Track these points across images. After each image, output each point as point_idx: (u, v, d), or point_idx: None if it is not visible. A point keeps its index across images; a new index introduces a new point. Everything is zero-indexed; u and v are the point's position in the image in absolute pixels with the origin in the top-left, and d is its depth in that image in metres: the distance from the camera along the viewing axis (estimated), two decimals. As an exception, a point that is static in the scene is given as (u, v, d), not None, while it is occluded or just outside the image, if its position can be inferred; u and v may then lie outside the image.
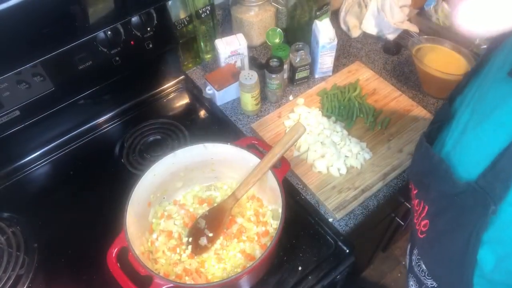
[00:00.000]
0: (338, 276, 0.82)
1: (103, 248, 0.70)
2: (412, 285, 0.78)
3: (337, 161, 0.92)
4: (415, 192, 0.65)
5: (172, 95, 1.15)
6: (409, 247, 0.82)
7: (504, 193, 0.51)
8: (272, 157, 0.76)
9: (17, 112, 0.90)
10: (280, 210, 0.72)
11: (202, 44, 1.17)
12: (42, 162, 1.01)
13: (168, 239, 0.81)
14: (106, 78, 1.01)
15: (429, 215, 0.59)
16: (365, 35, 1.28)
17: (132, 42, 0.98)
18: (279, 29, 1.17)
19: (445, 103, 0.67)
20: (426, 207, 0.60)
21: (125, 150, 1.01)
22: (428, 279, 0.70)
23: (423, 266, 0.70)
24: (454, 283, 0.58)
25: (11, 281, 0.79)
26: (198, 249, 0.79)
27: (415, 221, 0.65)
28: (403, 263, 0.81)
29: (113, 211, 0.76)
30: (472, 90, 0.61)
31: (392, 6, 1.18)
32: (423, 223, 0.61)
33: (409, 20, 1.24)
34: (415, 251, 0.75)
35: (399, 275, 1.79)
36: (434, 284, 0.68)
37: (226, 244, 0.80)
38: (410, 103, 1.05)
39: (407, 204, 1.18)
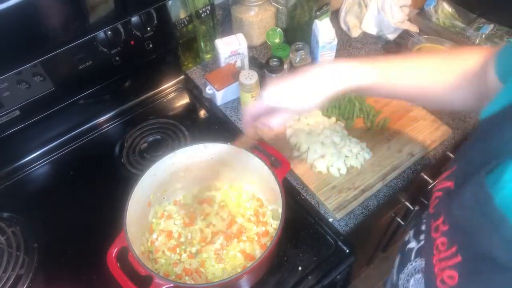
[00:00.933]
0: (338, 276, 0.82)
1: (103, 248, 0.70)
2: None
3: (337, 161, 0.92)
4: (443, 228, 0.50)
5: (172, 95, 1.15)
6: (398, 261, 0.68)
7: None
8: None
9: (17, 112, 0.90)
10: (280, 210, 0.72)
11: (202, 44, 1.17)
12: (42, 162, 1.01)
13: (168, 239, 0.82)
14: (106, 78, 1.01)
15: (461, 270, 0.45)
16: (365, 35, 1.28)
17: (132, 42, 0.98)
18: (279, 29, 1.17)
19: (508, 130, 0.45)
20: (459, 258, 0.46)
21: (125, 150, 1.01)
22: None
23: None
24: None
25: (11, 281, 0.79)
26: None
27: (433, 261, 0.51)
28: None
29: (113, 211, 0.75)
30: None
31: (392, 6, 1.18)
32: (448, 273, 0.47)
33: (409, 20, 1.24)
34: (406, 270, 0.63)
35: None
36: None
37: (226, 244, 0.80)
38: (410, 103, 1.05)
39: (407, 204, 1.18)
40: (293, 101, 0.64)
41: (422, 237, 0.61)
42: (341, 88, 0.63)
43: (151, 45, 1.02)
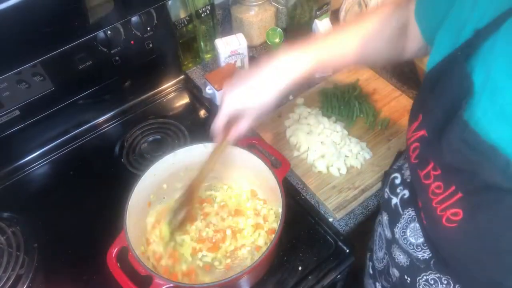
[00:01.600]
0: (338, 276, 0.82)
1: (103, 248, 0.70)
2: (399, 255, 0.68)
3: (337, 161, 0.92)
4: (435, 173, 0.52)
5: (172, 95, 1.15)
6: (387, 219, 0.69)
7: None
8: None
9: (17, 112, 0.90)
10: (280, 210, 0.72)
11: (202, 44, 1.17)
12: (42, 162, 1.01)
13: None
14: (106, 78, 1.01)
15: (464, 205, 0.48)
16: (365, 35, 1.27)
17: (132, 42, 0.98)
18: (279, 28, 1.17)
19: (459, 72, 0.48)
20: (460, 195, 0.48)
21: (125, 150, 1.01)
22: (418, 251, 0.61)
23: (411, 240, 0.62)
24: (495, 278, 0.51)
25: (11, 281, 0.79)
26: (176, 227, 0.78)
27: (433, 204, 0.53)
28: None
29: (113, 211, 0.75)
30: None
31: (392, 6, 1.18)
32: (451, 211, 0.50)
33: (409, 20, 1.24)
34: (399, 224, 0.64)
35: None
36: (426, 255, 0.60)
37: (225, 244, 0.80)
38: (410, 103, 1.05)
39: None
40: (252, 101, 0.68)
41: (403, 191, 0.64)
42: (290, 80, 0.68)
43: (151, 45, 1.02)
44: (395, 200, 0.65)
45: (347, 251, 0.82)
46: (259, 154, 0.80)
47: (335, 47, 0.71)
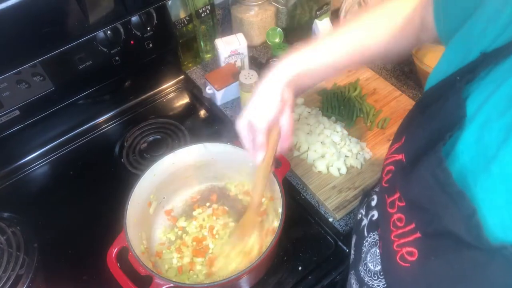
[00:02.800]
0: (338, 276, 0.82)
1: (103, 248, 0.70)
2: (353, 283, 0.65)
3: (337, 161, 0.92)
4: (400, 204, 0.48)
5: (172, 95, 1.15)
6: (354, 242, 0.66)
7: None
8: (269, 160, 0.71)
9: (17, 112, 0.90)
10: (280, 210, 0.72)
11: (202, 43, 1.17)
12: (42, 162, 1.01)
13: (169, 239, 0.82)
14: (106, 78, 1.01)
15: (421, 246, 0.44)
16: (365, 34, 1.27)
17: (132, 42, 0.98)
18: (279, 28, 1.17)
19: (454, 99, 0.43)
20: (418, 235, 0.44)
21: (125, 150, 1.01)
22: (374, 280, 0.58)
23: (369, 266, 0.59)
24: None
25: (11, 281, 0.79)
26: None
27: (392, 237, 0.49)
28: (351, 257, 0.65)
29: (113, 211, 0.76)
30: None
31: (392, 5, 1.18)
32: (407, 249, 0.46)
33: (409, 19, 1.24)
34: (364, 249, 0.61)
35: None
36: (381, 285, 0.56)
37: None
38: (410, 103, 1.05)
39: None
40: (253, 113, 0.66)
41: (372, 212, 0.61)
42: (286, 81, 0.65)
43: (151, 45, 1.02)
44: (364, 222, 0.62)
45: (347, 251, 0.82)
46: (259, 154, 0.80)
47: (325, 51, 0.67)
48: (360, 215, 0.66)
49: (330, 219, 0.87)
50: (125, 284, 0.66)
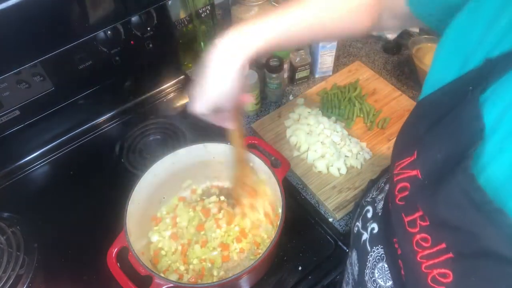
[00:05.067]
0: (338, 276, 0.82)
1: (103, 248, 0.70)
2: None
3: (337, 161, 0.92)
4: (422, 223, 0.46)
5: (172, 95, 1.15)
6: (355, 258, 0.64)
7: None
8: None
9: (17, 112, 0.90)
10: (280, 210, 0.72)
11: (202, 43, 1.17)
12: (42, 162, 1.02)
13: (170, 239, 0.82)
14: (106, 78, 1.01)
15: (456, 267, 0.42)
16: (365, 34, 1.27)
17: (132, 42, 0.98)
18: (279, 29, 1.17)
19: (469, 111, 0.41)
20: (450, 255, 0.42)
21: (125, 150, 1.01)
22: None
23: (380, 282, 0.57)
24: None
25: (11, 281, 0.79)
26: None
27: (418, 259, 0.46)
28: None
29: (113, 211, 0.76)
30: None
31: (392, 6, 1.18)
32: (439, 271, 0.44)
33: (409, 20, 1.24)
34: (369, 264, 0.59)
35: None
36: None
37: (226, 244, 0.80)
38: (410, 103, 1.05)
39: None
40: (219, 98, 0.62)
41: (372, 225, 0.59)
42: (250, 54, 0.61)
43: (151, 45, 1.02)
44: (365, 236, 0.60)
45: (347, 251, 0.82)
46: (259, 154, 0.80)
47: (289, 20, 0.62)
48: (356, 228, 0.64)
49: (330, 219, 0.87)
50: (125, 284, 0.66)
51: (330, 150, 0.93)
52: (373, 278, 0.58)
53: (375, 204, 0.62)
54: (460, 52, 0.45)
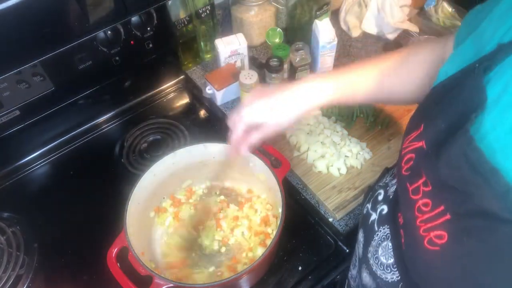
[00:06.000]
0: (338, 276, 0.82)
1: (103, 248, 0.70)
2: (366, 276, 0.65)
3: (337, 161, 0.92)
4: (425, 189, 0.49)
5: (172, 95, 1.15)
6: (362, 237, 0.66)
7: None
8: None
9: (17, 112, 0.91)
10: (280, 210, 0.72)
11: (202, 44, 1.17)
12: (42, 162, 1.02)
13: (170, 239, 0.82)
14: (106, 78, 1.01)
15: (451, 228, 0.45)
16: (365, 34, 1.27)
17: (132, 42, 0.98)
18: (279, 28, 1.17)
19: (473, 84, 0.44)
20: (448, 217, 0.44)
21: (125, 150, 1.01)
22: (387, 272, 0.58)
23: (381, 259, 0.59)
24: None
25: (11, 281, 0.79)
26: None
27: (417, 223, 0.49)
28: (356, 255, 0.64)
29: (113, 211, 0.76)
30: None
31: (392, 6, 1.18)
32: (435, 232, 0.46)
33: (409, 20, 1.24)
34: (373, 243, 0.61)
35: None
36: (394, 278, 0.57)
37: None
38: (410, 103, 1.05)
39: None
40: (270, 117, 0.68)
41: (382, 207, 0.61)
42: (313, 106, 0.69)
43: (151, 45, 1.02)
44: (373, 216, 0.63)
45: (347, 251, 0.82)
46: (259, 154, 0.80)
47: (356, 82, 0.70)
48: (366, 209, 0.66)
49: (330, 219, 0.87)
50: (125, 284, 0.66)
51: (330, 150, 0.93)
52: (376, 255, 0.59)
53: (387, 188, 0.64)
54: (474, 46, 0.49)
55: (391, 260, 0.56)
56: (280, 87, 0.70)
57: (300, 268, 0.81)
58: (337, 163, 0.92)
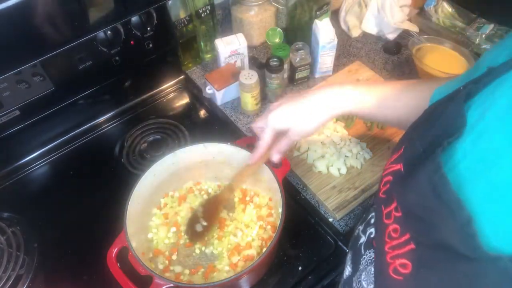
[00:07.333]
0: (338, 276, 0.82)
1: (103, 248, 0.70)
2: None
3: (337, 161, 0.92)
4: (396, 214, 0.47)
5: (172, 95, 1.15)
6: (350, 259, 0.65)
7: None
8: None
9: (17, 112, 0.91)
10: (280, 210, 0.72)
11: (202, 44, 1.17)
12: (42, 162, 1.01)
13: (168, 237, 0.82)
14: (106, 78, 1.01)
15: (414, 258, 0.43)
16: (365, 34, 1.28)
17: (132, 42, 0.98)
18: (279, 28, 1.17)
19: (454, 107, 0.43)
20: (412, 246, 0.43)
21: (125, 150, 1.01)
22: None
23: (363, 284, 0.57)
24: None
25: (11, 281, 0.79)
26: (193, 237, 0.79)
27: (385, 249, 0.48)
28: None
29: (113, 211, 0.76)
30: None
31: (392, 5, 1.18)
32: (400, 261, 0.45)
33: (409, 19, 1.24)
34: (360, 267, 0.60)
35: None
36: None
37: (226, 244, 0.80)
38: (410, 103, 1.05)
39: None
40: (296, 123, 0.69)
41: (370, 229, 0.60)
42: (338, 113, 0.69)
43: (151, 45, 1.02)
44: (362, 239, 0.62)
45: (347, 251, 0.82)
46: (259, 154, 0.80)
47: (378, 97, 0.69)
48: (357, 231, 0.65)
49: (330, 219, 0.87)
50: (125, 284, 0.66)
51: (330, 150, 0.93)
52: (359, 279, 0.59)
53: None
54: (472, 69, 0.50)
55: (371, 286, 0.55)
56: (306, 92, 0.70)
57: (300, 268, 0.81)
58: (337, 163, 0.92)
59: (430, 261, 0.42)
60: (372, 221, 0.61)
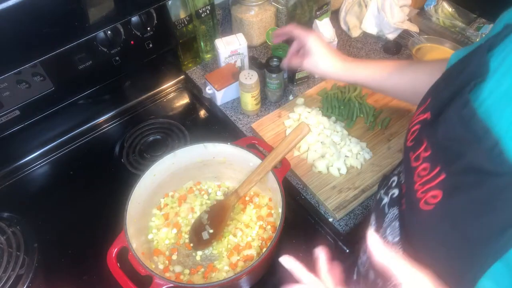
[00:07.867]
0: (338, 276, 0.82)
1: (103, 248, 0.70)
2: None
3: (337, 161, 0.92)
4: (425, 154, 0.51)
5: (172, 95, 1.15)
6: (374, 220, 0.67)
7: None
8: (276, 156, 0.76)
9: (17, 112, 0.91)
10: (280, 210, 0.72)
11: (202, 44, 1.17)
12: (42, 162, 1.02)
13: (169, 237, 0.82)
14: (106, 78, 1.01)
15: (445, 186, 0.46)
16: (365, 34, 1.28)
17: (132, 42, 0.98)
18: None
19: (477, 58, 0.48)
20: (443, 176, 0.47)
21: (125, 150, 1.01)
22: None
23: (389, 238, 0.60)
24: (457, 268, 0.47)
25: (11, 281, 0.79)
26: (199, 244, 0.79)
27: (415, 187, 0.51)
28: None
29: (113, 211, 0.76)
30: None
31: (392, 6, 1.18)
32: (431, 193, 0.48)
33: (409, 20, 1.24)
34: (384, 225, 0.63)
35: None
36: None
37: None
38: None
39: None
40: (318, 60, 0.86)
41: (393, 191, 0.64)
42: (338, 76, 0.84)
43: (151, 45, 1.02)
44: (385, 200, 0.65)
45: (347, 251, 0.82)
46: (259, 154, 0.80)
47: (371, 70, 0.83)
48: (379, 195, 0.68)
49: (330, 219, 0.87)
50: (125, 284, 0.66)
51: (330, 150, 0.93)
52: (384, 235, 0.61)
53: (401, 174, 0.65)
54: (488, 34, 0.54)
55: (397, 238, 0.58)
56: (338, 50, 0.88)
57: (300, 268, 0.80)
58: (337, 163, 0.92)
59: (460, 184, 0.45)
60: (394, 184, 0.65)
